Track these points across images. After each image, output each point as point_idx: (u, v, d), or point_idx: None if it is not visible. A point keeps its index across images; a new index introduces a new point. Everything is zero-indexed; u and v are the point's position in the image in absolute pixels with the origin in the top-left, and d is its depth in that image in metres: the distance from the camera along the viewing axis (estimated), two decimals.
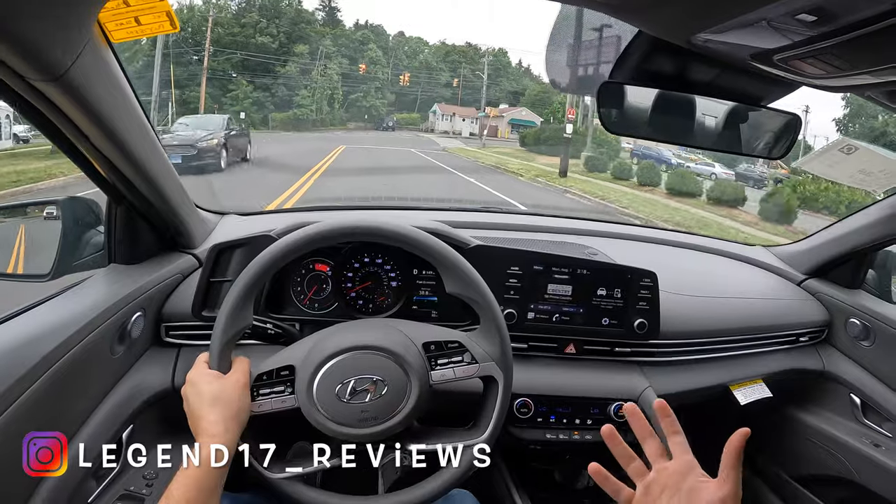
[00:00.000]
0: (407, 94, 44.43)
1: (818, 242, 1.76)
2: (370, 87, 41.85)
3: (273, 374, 1.00)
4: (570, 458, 1.69)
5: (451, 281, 1.06)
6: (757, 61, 0.80)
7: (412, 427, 1.06)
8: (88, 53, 0.82)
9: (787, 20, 0.60)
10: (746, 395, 1.56)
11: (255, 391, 0.98)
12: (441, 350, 1.03)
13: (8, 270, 1.29)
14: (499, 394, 1.04)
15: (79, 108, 0.88)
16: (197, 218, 1.48)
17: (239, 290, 1.00)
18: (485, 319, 1.06)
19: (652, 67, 0.97)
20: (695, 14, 0.65)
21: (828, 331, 1.72)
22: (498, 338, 1.04)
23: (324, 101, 38.96)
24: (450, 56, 45.96)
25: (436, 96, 44.29)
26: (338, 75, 40.32)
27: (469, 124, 41.25)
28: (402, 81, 43.23)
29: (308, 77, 39.16)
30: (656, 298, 1.42)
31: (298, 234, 1.03)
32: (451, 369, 1.02)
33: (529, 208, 3.03)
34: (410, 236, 1.04)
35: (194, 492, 0.84)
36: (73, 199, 1.30)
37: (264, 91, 37.33)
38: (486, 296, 1.05)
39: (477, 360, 1.03)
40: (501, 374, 1.04)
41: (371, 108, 41.41)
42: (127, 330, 1.19)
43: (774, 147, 1.11)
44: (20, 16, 0.65)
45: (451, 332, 1.05)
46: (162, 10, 0.94)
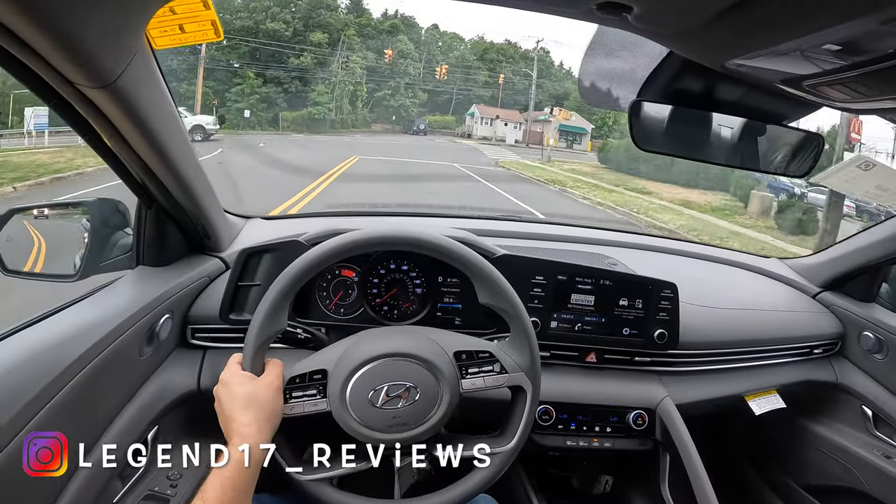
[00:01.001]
0: (440, 94, 37.93)
1: (833, 256, 1.78)
2: (399, 84, 35.58)
3: (306, 378, 1.01)
4: (588, 465, 1.71)
5: (483, 291, 1.07)
6: (786, 85, 0.81)
7: (440, 433, 1.07)
8: (138, 61, 0.84)
9: (819, 50, 0.62)
10: (761, 406, 1.58)
11: (287, 393, 0.99)
12: (472, 359, 1.04)
13: (37, 270, 1.30)
14: (527, 403, 1.05)
15: (124, 114, 0.89)
16: (225, 221, 1.49)
17: (276, 292, 1.01)
18: (515, 330, 1.07)
19: (680, 87, 0.98)
20: (731, 42, 0.67)
21: (841, 343, 1.74)
22: (528, 348, 1.05)
23: (344, 99, 33.28)
24: (488, 54, 39.66)
25: (473, 97, 37.84)
26: (362, 69, 34.53)
27: (512, 129, 34.84)
28: (439, 75, 36.52)
29: (327, 70, 33.55)
30: (676, 309, 1.43)
31: (338, 240, 1.04)
32: (481, 378, 1.04)
33: (548, 217, 3.00)
34: (448, 248, 1.05)
35: (230, 493, 0.85)
36: (101, 201, 1.30)
37: (276, 85, 31.66)
38: (518, 307, 1.06)
39: (507, 369, 1.04)
40: (530, 383, 1.05)
41: (400, 107, 35.46)
42: (155, 332, 1.21)
43: (792, 163, 1.12)
44: (77, 23, 0.66)
45: (481, 342, 1.06)
46: (207, 19, 0.95)
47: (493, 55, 39.39)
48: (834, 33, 0.56)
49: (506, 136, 34.34)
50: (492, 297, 1.06)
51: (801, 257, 1.95)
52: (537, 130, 33.67)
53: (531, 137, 33.05)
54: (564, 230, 1.97)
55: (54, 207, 1.36)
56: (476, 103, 36.62)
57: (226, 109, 28.75)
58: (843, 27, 0.53)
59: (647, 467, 1.52)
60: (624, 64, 0.98)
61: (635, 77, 0.97)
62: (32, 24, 0.63)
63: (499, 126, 35.05)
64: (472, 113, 36.00)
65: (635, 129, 1.04)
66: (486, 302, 1.07)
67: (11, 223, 1.25)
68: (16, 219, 1.27)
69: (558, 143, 32.49)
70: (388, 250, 1.32)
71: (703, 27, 0.61)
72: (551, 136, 32.83)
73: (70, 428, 0.96)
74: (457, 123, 36.63)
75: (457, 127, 36.28)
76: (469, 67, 39.13)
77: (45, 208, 1.34)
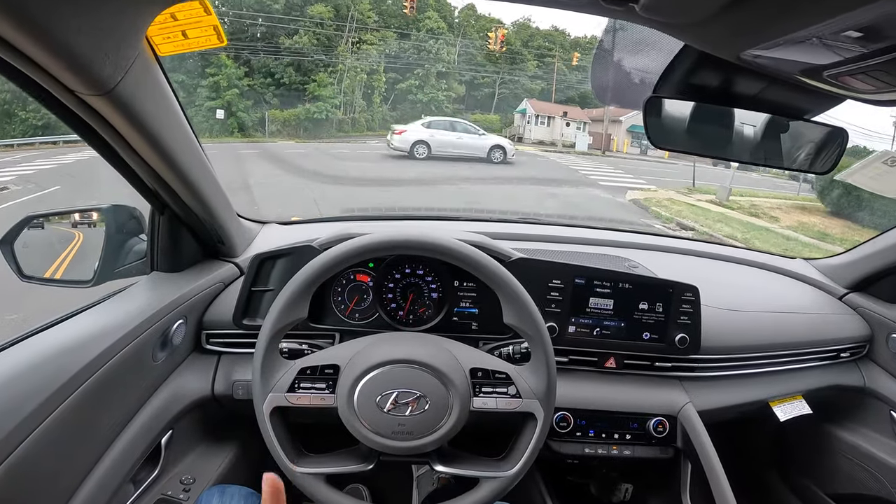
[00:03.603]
0: (480, 87, 30.06)
1: (860, 256, 1.72)
2: (429, 72, 27.09)
3: (317, 371, 1.00)
4: (607, 472, 1.68)
5: (510, 313, 1.03)
6: (806, 76, 0.78)
7: (442, 448, 1.04)
8: (137, 67, 0.83)
9: (838, 37, 0.59)
10: (786, 412, 1.53)
11: (296, 383, 0.98)
12: (487, 378, 1.02)
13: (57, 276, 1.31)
14: (536, 431, 1.02)
15: (127, 121, 0.89)
16: (239, 227, 1.49)
17: (290, 292, 1.00)
18: (535, 355, 1.04)
19: (697, 81, 0.95)
20: (746, 31, 0.64)
21: (869, 346, 1.69)
22: (546, 375, 1.02)
23: (356, 92, 24.89)
24: (533, 41, 33.11)
25: (521, 91, 30.39)
26: (379, 53, 26.27)
27: (575, 130, 26.80)
28: (492, 44, 27.10)
29: (331, 55, 25.39)
30: (698, 313, 1.40)
31: (366, 239, 1.02)
32: (493, 399, 1.01)
33: (567, 219, 2.86)
34: (480, 261, 1.02)
35: None
36: (116, 207, 1.31)
37: (264, 76, 23.85)
38: (542, 332, 1.03)
39: (521, 394, 1.01)
40: (542, 412, 1.02)
41: (430, 102, 26.80)
42: (169, 337, 1.21)
43: (816, 160, 1.09)
44: (73, 32, 0.66)
45: (499, 363, 1.04)
46: (209, 25, 0.94)
47: (539, 41, 33.60)
48: (854, 17, 0.53)
49: (575, 140, 26.18)
50: (518, 320, 1.03)
51: (827, 257, 1.90)
52: (599, 132, 26.74)
53: (595, 141, 26.21)
54: (582, 232, 1.94)
55: (69, 213, 1.37)
56: (528, 97, 28.91)
57: (195, 110, 21.45)
58: (864, 10, 0.50)
59: (668, 475, 1.48)
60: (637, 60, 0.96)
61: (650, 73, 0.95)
62: (27, 33, 0.63)
63: (556, 126, 27.27)
64: (524, 110, 28.15)
65: (651, 127, 1.01)
66: (511, 322, 1.04)
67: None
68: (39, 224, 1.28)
69: (629, 147, 26.22)
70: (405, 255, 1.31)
71: (714, 16, 0.59)
72: (620, 138, 26.69)
73: (82, 431, 0.96)
74: (502, 123, 28.47)
75: (503, 128, 27.65)
76: (515, 55, 32.04)
77: (60, 215, 1.35)
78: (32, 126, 20.80)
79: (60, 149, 16.40)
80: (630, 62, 0.98)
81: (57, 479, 0.92)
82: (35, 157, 15.19)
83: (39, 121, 20.32)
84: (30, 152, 17.01)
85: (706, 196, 13.31)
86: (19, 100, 20.89)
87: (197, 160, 1.14)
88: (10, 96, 21.00)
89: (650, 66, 0.93)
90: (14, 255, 1.20)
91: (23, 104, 20.53)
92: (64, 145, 16.65)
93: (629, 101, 1.09)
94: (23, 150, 18.07)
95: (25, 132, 20.88)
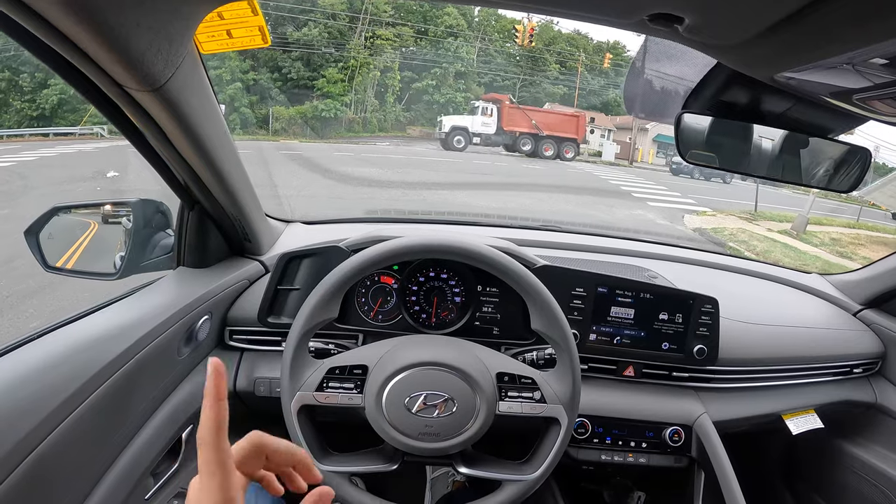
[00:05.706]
0: (500, 89, 27.34)
1: (875, 272, 1.73)
2: (446, 72, 25.61)
3: (346, 371, 1.01)
4: (621, 480, 1.68)
5: (539, 319, 1.05)
6: (835, 98, 0.79)
7: (466, 450, 1.06)
8: (186, 65, 0.84)
9: (872, 64, 0.60)
10: (798, 426, 1.54)
11: (324, 382, 1.00)
12: (513, 383, 1.03)
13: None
14: (559, 436, 1.03)
15: (171, 118, 0.90)
16: (266, 225, 1.50)
17: (332, 283, 1.02)
18: (561, 362, 1.05)
19: (728, 98, 0.97)
20: (783, 54, 0.65)
21: (882, 363, 1.69)
22: (571, 381, 1.04)
23: (368, 90, 23.72)
24: (555, 43, 31.53)
25: (542, 94, 29.10)
26: (393, 49, 25.06)
27: (599, 138, 25.31)
28: (519, 38, 22.56)
29: (343, 50, 23.84)
30: (716, 325, 1.40)
31: (403, 242, 1.03)
32: (519, 403, 1.03)
33: (588, 228, 2.90)
34: (511, 268, 1.04)
35: None
36: (144, 202, 1.32)
37: (270, 70, 22.25)
38: (569, 340, 1.04)
39: (546, 400, 1.03)
40: (567, 418, 1.03)
41: (448, 103, 25.31)
42: (194, 332, 1.22)
43: (835, 177, 1.09)
44: (130, 29, 0.67)
45: (525, 368, 1.05)
46: (255, 25, 0.95)
47: (561, 45, 32.12)
48: (887, 46, 0.55)
49: (602, 149, 24.53)
50: (546, 327, 1.05)
51: (842, 273, 1.91)
52: (622, 139, 25.27)
53: (622, 150, 24.74)
54: (604, 241, 1.94)
55: (96, 206, 1.38)
56: (550, 101, 27.16)
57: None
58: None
59: (681, 484, 1.49)
60: (671, 75, 0.98)
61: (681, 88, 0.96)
62: (85, 28, 0.64)
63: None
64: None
65: (682, 142, 1.03)
66: (539, 329, 1.05)
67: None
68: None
69: (655, 157, 24.86)
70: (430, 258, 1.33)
71: (754, 39, 0.60)
72: (645, 148, 25.26)
73: (107, 423, 0.97)
74: None
75: None
76: (536, 58, 30.57)
77: (87, 207, 1.36)
78: (28, 117, 20.62)
79: (49, 141, 16.51)
80: (663, 78, 0.99)
81: (80, 470, 0.92)
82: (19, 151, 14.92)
83: (34, 111, 20.21)
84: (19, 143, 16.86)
85: (777, 225, 11.36)
86: (16, 89, 20.77)
87: (233, 157, 1.15)
88: (5, 85, 20.78)
89: (683, 80, 0.94)
90: (39, 245, 1.21)
91: (19, 94, 20.37)
92: (54, 138, 16.65)
93: (657, 114, 1.10)
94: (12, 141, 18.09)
95: (20, 122, 20.68)
